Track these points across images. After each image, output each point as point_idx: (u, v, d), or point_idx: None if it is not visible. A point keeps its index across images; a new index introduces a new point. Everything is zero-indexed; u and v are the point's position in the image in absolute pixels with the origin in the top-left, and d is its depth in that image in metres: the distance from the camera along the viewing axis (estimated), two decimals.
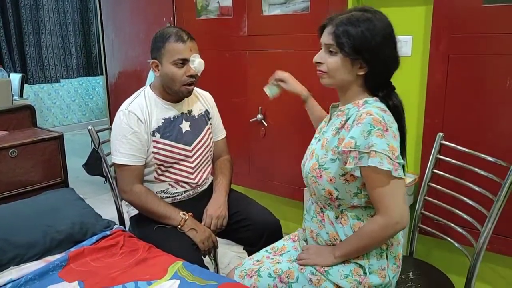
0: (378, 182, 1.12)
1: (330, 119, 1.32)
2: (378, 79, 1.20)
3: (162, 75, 1.58)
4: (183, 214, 1.58)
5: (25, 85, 4.33)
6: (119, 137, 1.57)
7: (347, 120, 1.19)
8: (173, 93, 1.61)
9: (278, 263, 1.32)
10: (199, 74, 1.59)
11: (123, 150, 1.57)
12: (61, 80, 5.15)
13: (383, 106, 1.19)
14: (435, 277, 1.46)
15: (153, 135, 1.60)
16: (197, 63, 1.56)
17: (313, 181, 1.24)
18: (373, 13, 1.17)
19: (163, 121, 1.62)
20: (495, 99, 1.64)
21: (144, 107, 1.60)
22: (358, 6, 1.25)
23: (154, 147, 1.60)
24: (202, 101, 1.78)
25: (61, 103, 5.50)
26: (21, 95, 3.90)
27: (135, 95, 1.66)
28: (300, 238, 1.42)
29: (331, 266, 1.23)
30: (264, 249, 1.45)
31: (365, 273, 1.21)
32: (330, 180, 1.20)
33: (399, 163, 1.11)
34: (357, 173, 1.14)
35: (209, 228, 1.62)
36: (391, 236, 1.19)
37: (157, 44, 1.57)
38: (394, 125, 1.16)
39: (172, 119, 1.64)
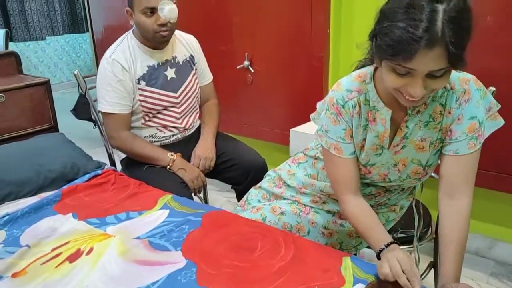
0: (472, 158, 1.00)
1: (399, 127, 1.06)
2: None
3: (136, 24, 1.58)
4: (171, 154, 1.63)
5: (10, 43, 4.25)
6: (104, 85, 1.58)
7: (443, 105, 1.01)
8: (150, 40, 1.60)
9: (282, 214, 1.28)
10: (171, 21, 1.55)
11: (109, 98, 1.58)
12: (47, 37, 5.05)
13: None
14: (414, 206, 1.54)
15: (138, 83, 1.61)
16: (166, 11, 1.52)
17: (415, 182, 1.17)
18: None
19: (147, 68, 1.63)
20: (476, 37, 1.65)
21: (127, 55, 1.60)
22: None
23: (140, 95, 1.62)
24: (186, 46, 1.77)
25: (48, 61, 5.42)
26: None
27: (118, 42, 1.66)
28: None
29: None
30: (255, 198, 1.39)
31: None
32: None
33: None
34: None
35: (198, 167, 1.68)
36: None
37: None
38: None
39: (156, 66, 1.64)
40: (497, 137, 1.12)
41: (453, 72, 0.99)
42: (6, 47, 3.84)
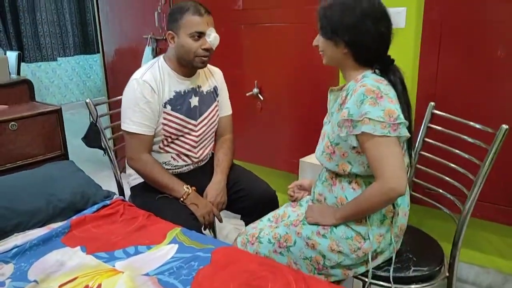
0: (373, 148, 1.15)
1: (334, 101, 1.36)
2: (366, 55, 1.24)
3: (178, 47, 1.59)
4: (187, 187, 1.61)
5: (22, 64, 4.32)
6: (132, 105, 1.58)
7: (346, 95, 1.24)
8: (187, 64, 1.61)
9: (277, 227, 1.38)
10: (213, 48, 1.60)
11: (135, 118, 1.58)
12: (58, 58, 5.13)
13: (379, 78, 1.22)
14: (425, 242, 1.51)
15: (165, 106, 1.62)
16: (213, 37, 1.58)
17: (327, 159, 1.29)
18: None
19: (174, 94, 1.64)
20: (486, 68, 1.66)
21: (158, 78, 1.61)
22: None
23: (165, 118, 1.63)
24: (212, 77, 1.79)
25: (59, 82, 5.49)
26: (18, 73, 3.89)
27: (148, 65, 1.66)
28: (307, 201, 1.49)
29: (333, 226, 1.29)
30: (266, 217, 1.50)
31: (364, 239, 1.26)
32: (343, 154, 1.25)
33: (399, 123, 1.14)
34: (353, 142, 1.18)
35: None
36: (388, 201, 1.20)
37: (175, 16, 1.57)
38: (391, 92, 1.19)
39: (182, 93, 1.66)
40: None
41: (366, 78, 1.22)
42: (18, 68, 3.89)
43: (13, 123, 2.02)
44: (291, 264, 1.33)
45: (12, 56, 3.80)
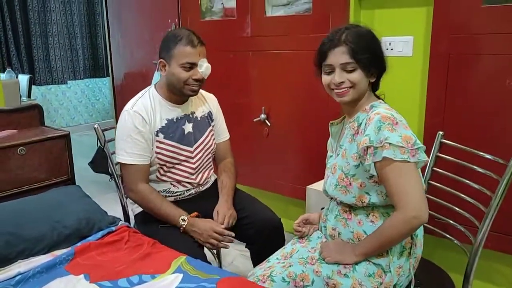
0: (393, 175, 1.14)
1: (339, 135, 1.39)
2: (379, 81, 1.31)
3: (168, 75, 1.61)
4: (182, 220, 1.58)
5: (33, 87, 4.40)
6: (124, 137, 1.60)
7: (359, 126, 1.25)
8: (177, 92, 1.63)
9: (290, 266, 1.30)
10: (205, 78, 1.62)
11: (129, 149, 1.59)
12: (68, 81, 5.22)
13: (388, 106, 1.26)
14: (435, 274, 1.48)
15: (157, 135, 1.63)
16: (204, 68, 1.59)
17: (343, 191, 1.26)
18: (361, 27, 1.28)
19: (166, 121, 1.65)
20: (494, 98, 1.65)
21: (148, 107, 1.63)
22: (344, 25, 1.30)
23: (157, 147, 1.63)
24: (206, 103, 1.80)
25: (68, 104, 5.57)
26: (29, 96, 3.97)
27: (139, 95, 1.69)
28: (319, 237, 1.44)
29: (354, 264, 1.24)
30: (274, 257, 1.44)
31: (385, 272, 1.22)
32: (360, 185, 1.23)
33: (417, 148, 1.15)
34: (373, 171, 1.17)
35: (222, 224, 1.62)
36: (410, 231, 1.18)
37: (168, 44, 1.58)
38: (403, 119, 1.20)
39: (175, 120, 1.67)
40: None
41: (375, 107, 1.24)
42: (29, 91, 3.97)
43: (21, 148, 2.03)
44: None
45: (23, 79, 3.88)
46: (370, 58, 1.23)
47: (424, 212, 1.14)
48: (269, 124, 2.33)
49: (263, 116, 2.34)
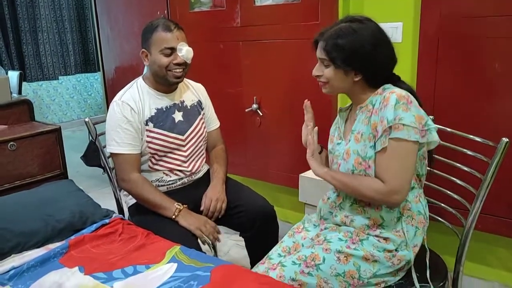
0: (395, 152, 1.18)
1: (346, 119, 1.40)
2: (378, 78, 1.28)
3: (151, 64, 1.63)
4: (178, 205, 1.60)
5: (24, 83, 4.36)
6: (114, 127, 1.61)
7: (373, 106, 1.26)
8: (162, 80, 1.64)
9: (298, 251, 1.32)
10: (188, 61, 1.63)
11: (119, 139, 1.60)
12: (59, 77, 5.17)
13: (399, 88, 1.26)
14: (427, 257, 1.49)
15: (146, 124, 1.64)
16: (184, 51, 1.60)
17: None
18: (360, 22, 1.24)
19: (155, 111, 1.66)
20: (484, 82, 1.66)
21: (137, 97, 1.64)
22: (347, 17, 1.30)
23: (148, 136, 1.64)
24: (194, 92, 1.81)
25: (60, 100, 5.53)
26: (19, 92, 3.92)
27: (128, 86, 1.70)
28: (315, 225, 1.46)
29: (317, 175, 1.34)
30: (276, 253, 1.42)
31: (396, 250, 1.26)
32: None
33: (427, 130, 1.18)
34: (378, 147, 1.21)
35: (209, 209, 1.65)
36: (380, 202, 1.24)
37: (146, 34, 1.62)
38: (415, 99, 1.22)
39: (164, 109, 1.68)
40: None
41: (389, 88, 1.25)
42: (20, 88, 3.92)
43: (12, 143, 2.02)
44: (322, 284, 1.23)
45: (13, 75, 3.84)
46: (346, 58, 1.22)
47: (405, 196, 1.21)
48: (261, 113, 2.33)
49: (254, 106, 2.33)
